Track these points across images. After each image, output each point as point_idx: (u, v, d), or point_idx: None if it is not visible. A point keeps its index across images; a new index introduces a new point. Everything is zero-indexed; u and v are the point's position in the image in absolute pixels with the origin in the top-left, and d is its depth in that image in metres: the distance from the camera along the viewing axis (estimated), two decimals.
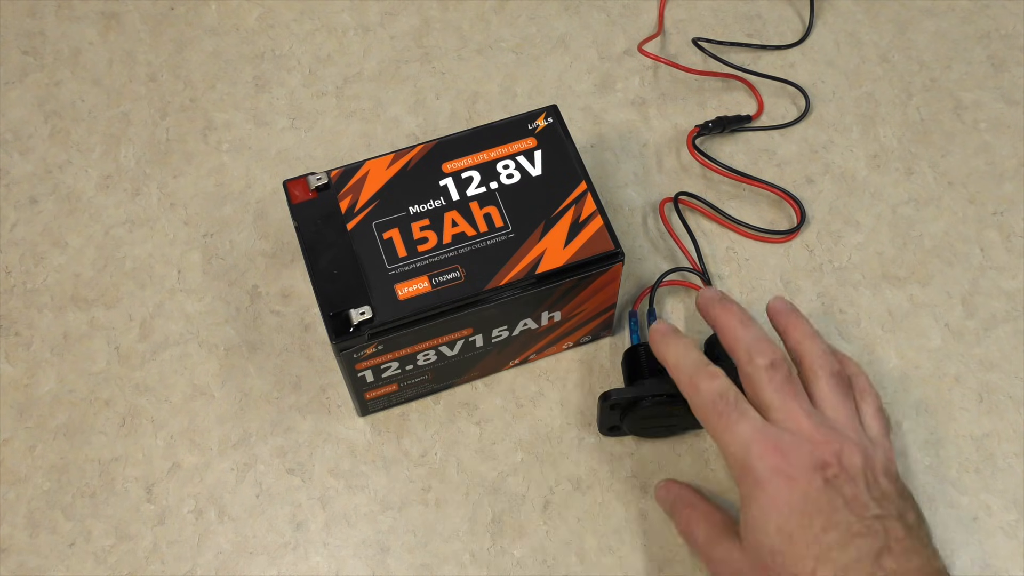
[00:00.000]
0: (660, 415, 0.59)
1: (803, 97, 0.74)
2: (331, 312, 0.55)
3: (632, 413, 0.59)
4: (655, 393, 0.58)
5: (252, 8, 0.79)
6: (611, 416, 0.60)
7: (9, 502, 0.62)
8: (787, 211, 0.70)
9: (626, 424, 0.60)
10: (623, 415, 0.59)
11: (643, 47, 0.74)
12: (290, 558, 0.61)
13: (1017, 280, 0.68)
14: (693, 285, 0.67)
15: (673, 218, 0.70)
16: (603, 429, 0.62)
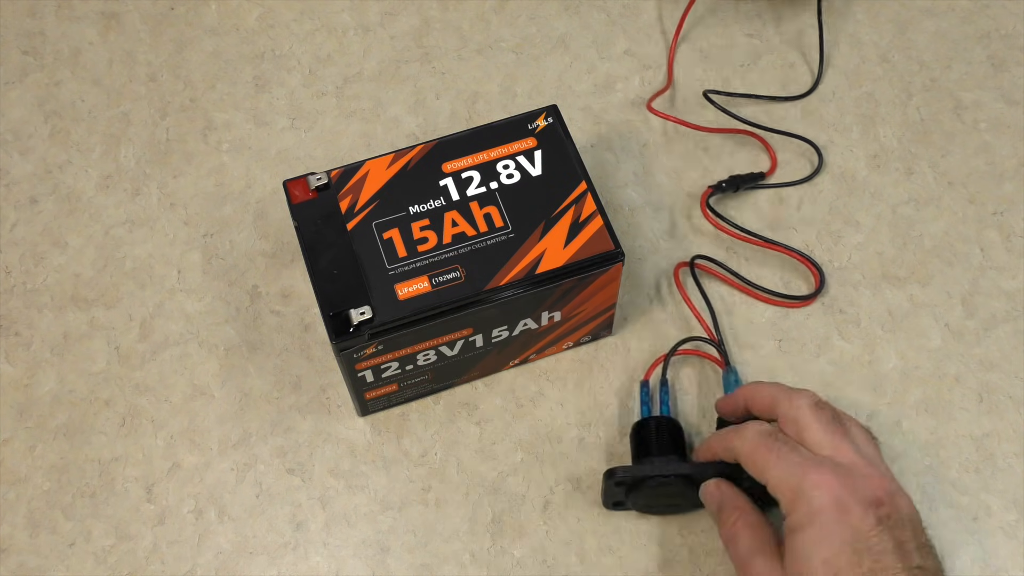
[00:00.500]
0: (666, 495, 0.58)
1: (815, 152, 0.72)
2: (331, 312, 0.55)
3: (637, 491, 0.57)
4: (662, 473, 0.57)
5: (252, 8, 0.79)
6: (615, 492, 0.58)
7: (9, 502, 0.62)
8: (804, 271, 0.68)
9: (631, 500, 0.58)
10: (628, 492, 0.58)
11: (652, 104, 0.73)
12: (290, 558, 0.60)
13: (1017, 280, 0.68)
14: (708, 356, 0.65)
15: (688, 283, 0.68)
16: (607, 504, 0.60)
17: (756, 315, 0.67)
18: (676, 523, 0.61)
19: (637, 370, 0.65)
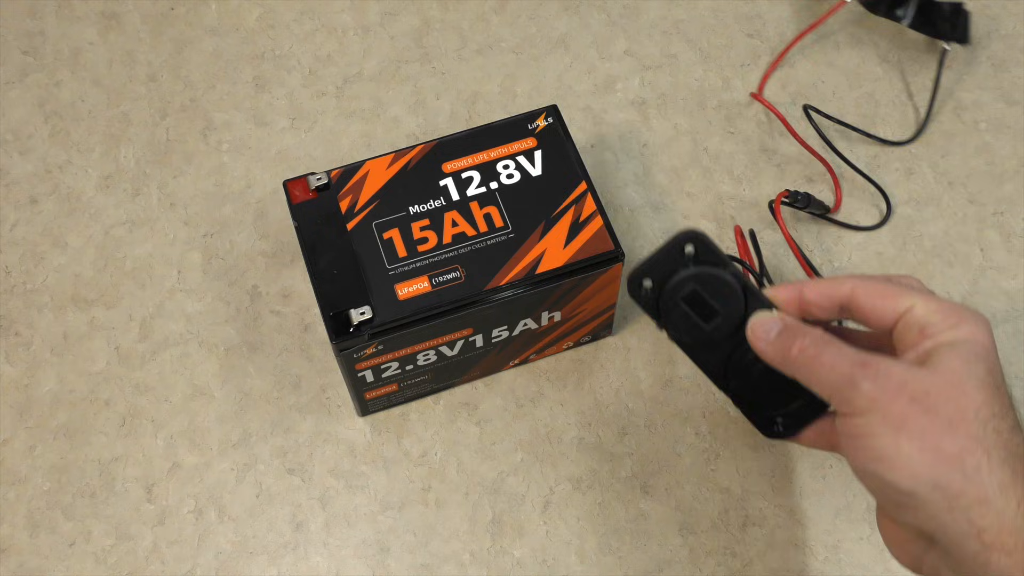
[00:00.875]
0: (702, 306, 0.48)
1: (884, 201, 0.70)
2: (331, 312, 0.55)
3: (670, 290, 0.48)
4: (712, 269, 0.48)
5: (252, 8, 0.79)
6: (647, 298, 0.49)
7: (9, 502, 0.62)
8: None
9: (663, 304, 0.49)
10: (660, 288, 0.49)
11: (760, 95, 0.73)
12: (290, 558, 0.60)
13: (1017, 280, 0.68)
14: None
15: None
16: (635, 293, 0.49)
17: None
18: (676, 523, 0.61)
19: (638, 370, 0.66)
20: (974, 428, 0.41)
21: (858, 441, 0.42)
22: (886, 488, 0.42)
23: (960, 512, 0.40)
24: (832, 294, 0.47)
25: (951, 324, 0.44)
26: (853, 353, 0.44)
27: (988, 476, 0.40)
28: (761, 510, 0.62)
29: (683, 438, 0.64)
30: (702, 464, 0.63)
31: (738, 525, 0.61)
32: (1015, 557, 0.39)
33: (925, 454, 0.40)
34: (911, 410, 0.41)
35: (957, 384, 0.42)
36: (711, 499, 0.62)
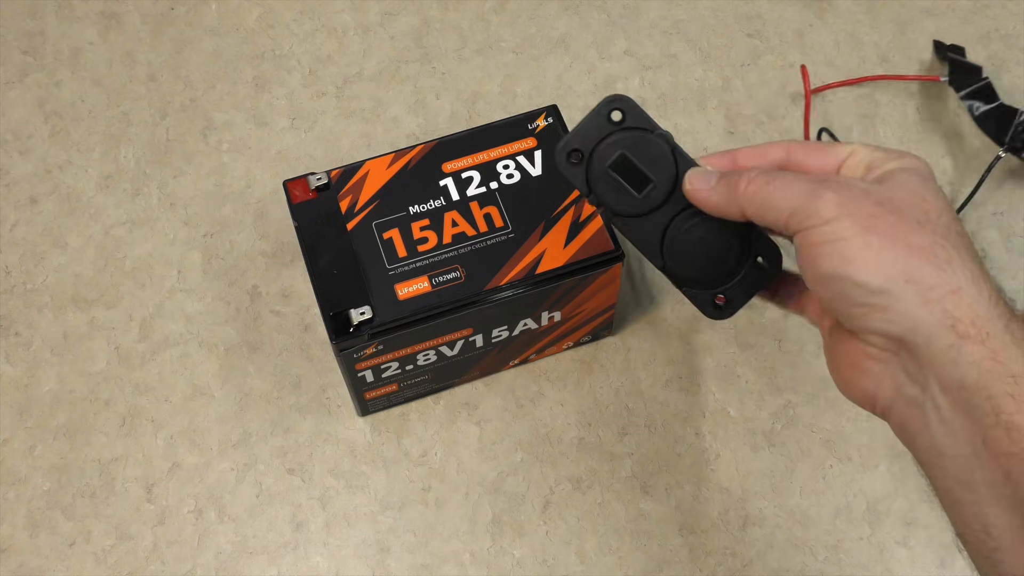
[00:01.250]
0: (633, 172, 0.46)
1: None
2: (331, 312, 0.55)
3: (598, 157, 0.46)
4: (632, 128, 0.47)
5: (252, 8, 0.79)
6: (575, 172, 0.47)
7: (9, 502, 0.62)
8: None
9: (592, 175, 0.47)
10: (590, 155, 0.47)
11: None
12: (290, 558, 0.60)
13: (1017, 280, 0.68)
14: None
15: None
16: (562, 166, 0.47)
17: (756, 315, 0.67)
18: (676, 523, 0.61)
19: (638, 370, 0.66)
20: (940, 227, 0.41)
21: (824, 248, 0.41)
22: (855, 291, 0.40)
23: (935, 303, 0.39)
24: (767, 156, 0.46)
25: (895, 157, 0.44)
26: (806, 176, 0.43)
27: (959, 268, 0.39)
28: (761, 510, 0.62)
29: (683, 438, 0.64)
30: (702, 464, 0.63)
31: (738, 525, 0.61)
32: (987, 346, 0.38)
33: (896, 248, 0.40)
34: (879, 210, 0.41)
35: (917, 192, 0.42)
36: (711, 499, 0.62)
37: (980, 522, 0.39)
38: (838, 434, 0.64)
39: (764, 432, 0.64)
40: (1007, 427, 0.38)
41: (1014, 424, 0.38)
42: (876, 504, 0.62)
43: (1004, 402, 0.38)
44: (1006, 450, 0.38)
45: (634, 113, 0.47)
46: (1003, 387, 0.38)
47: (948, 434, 0.40)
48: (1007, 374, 0.38)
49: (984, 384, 0.38)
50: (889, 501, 0.62)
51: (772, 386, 0.65)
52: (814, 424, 0.64)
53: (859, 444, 0.63)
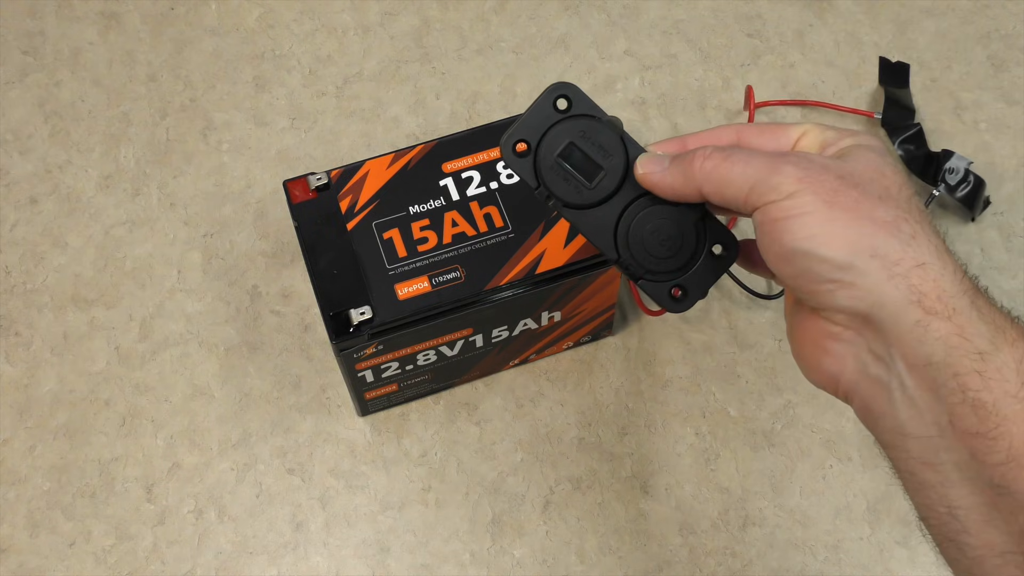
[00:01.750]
0: (585, 162, 0.45)
1: None
2: (331, 312, 0.55)
3: (547, 148, 0.45)
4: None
5: (252, 8, 0.79)
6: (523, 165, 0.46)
7: (9, 502, 0.62)
8: None
9: (541, 170, 0.45)
10: (537, 147, 0.46)
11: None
12: (290, 558, 0.60)
13: (1017, 280, 0.68)
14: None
15: None
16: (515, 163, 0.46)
17: (756, 315, 0.67)
18: (676, 523, 0.61)
19: (638, 370, 0.66)
20: (902, 202, 0.40)
21: (787, 223, 0.40)
22: (819, 267, 0.39)
23: (901, 278, 0.38)
24: (718, 139, 0.45)
25: (849, 134, 0.43)
26: (764, 152, 0.42)
27: (923, 242, 0.39)
28: (761, 510, 0.62)
29: (683, 438, 0.64)
30: (702, 464, 0.63)
31: (738, 525, 0.61)
32: (954, 322, 0.38)
33: (861, 223, 0.39)
34: (841, 184, 0.40)
35: (876, 168, 0.41)
36: (711, 499, 0.62)
37: (945, 504, 0.38)
38: (838, 434, 0.64)
39: (764, 432, 0.64)
40: (973, 404, 0.37)
41: (980, 401, 0.37)
42: (876, 504, 0.62)
43: (971, 379, 0.37)
44: (973, 429, 0.37)
45: (580, 100, 0.46)
46: (970, 364, 0.37)
47: (914, 414, 0.39)
48: (973, 351, 0.37)
49: (950, 361, 0.37)
50: (889, 501, 0.62)
51: (772, 386, 0.65)
52: (814, 424, 0.64)
53: (859, 444, 0.63)
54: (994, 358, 0.37)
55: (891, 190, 0.40)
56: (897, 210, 0.39)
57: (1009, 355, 0.37)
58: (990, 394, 0.37)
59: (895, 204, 0.40)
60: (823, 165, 0.40)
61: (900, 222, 0.39)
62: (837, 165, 0.41)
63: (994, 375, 0.37)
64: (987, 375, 0.37)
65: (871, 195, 0.40)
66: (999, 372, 0.37)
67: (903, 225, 0.39)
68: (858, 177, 0.40)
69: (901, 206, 0.40)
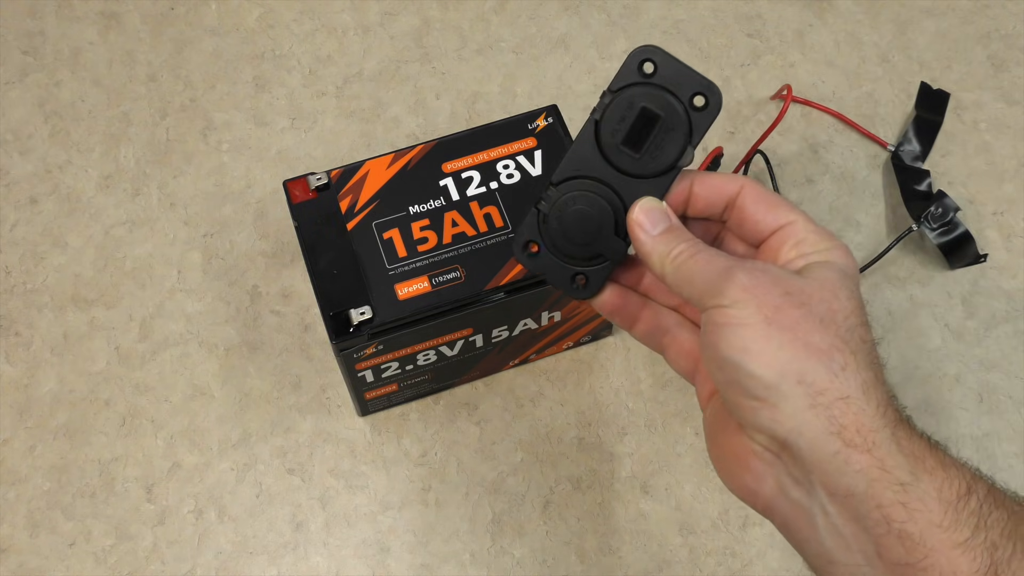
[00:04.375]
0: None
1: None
2: (331, 312, 0.55)
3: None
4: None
5: (252, 8, 0.79)
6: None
7: (9, 502, 0.62)
8: None
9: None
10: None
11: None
12: (290, 558, 0.60)
13: (1017, 280, 0.68)
14: None
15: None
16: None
17: None
18: (676, 523, 0.61)
19: (638, 370, 0.66)
20: (843, 330, 0.40)
21: (725, 330, 0.40)
22: (747, 382, 0.39)
23: (822, 409, 0.38)
24: (723, 189, 0.45)
25: (826, 247, 0.43)
26: (728, 255, 0.43)
27: (852, 375, 0.38)
28: None
29: (683, 438, 0.64)
30: (702, 464, 0.63)
31: (738, 525, 0.61)
32: (874, 455, 0.37)
33: (795, 347, 0.39)
34: (785, 302, 0.40)
35: (831, 289, 0.41)
36: (711, 499, 0.62)
37: None
38: None
39: None
40: (899, 536, 0.37)
41: (906, 532, 0.37)
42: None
43: (894, 511, 0.37)
44: (901, 560, 0.37)
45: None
46: (892, 496, 0.37)
47: (840, 542, 0.39)
48: (895, 482, 0.37)
49: (872, 493, 0.37)
50: None
51: None
52: None
53: None
54: (915, 488, 0.37)
55: (837, 315, 0.40)
56: (835, 338, 0.39)
57: (929, 484, 0.37)
58: (915, 525, 0.37)
59: (835, 331, 0.39)
60: (775, 278, 0.41)
61: (834, 351, 0.39)
62: (790, 280, 0.41)
63: (917, 505, 0.37)
64: (910, 506, 0.37)
65: (813, 318, 0.40)
66: (921, 502, 0.37)
67: (836, 355, 0.39)
68: (807, 296, 0.40)
69: (840, 334, 0.39)
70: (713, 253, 0.42)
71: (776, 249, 0.44)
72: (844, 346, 0.39)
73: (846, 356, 0.39)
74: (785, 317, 0.39)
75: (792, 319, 0.39)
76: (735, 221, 0.45)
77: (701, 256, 0.42)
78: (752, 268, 0.41)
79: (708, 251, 0.43)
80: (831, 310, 0.40)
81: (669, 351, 0.48)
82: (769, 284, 0.40)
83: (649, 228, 0.44)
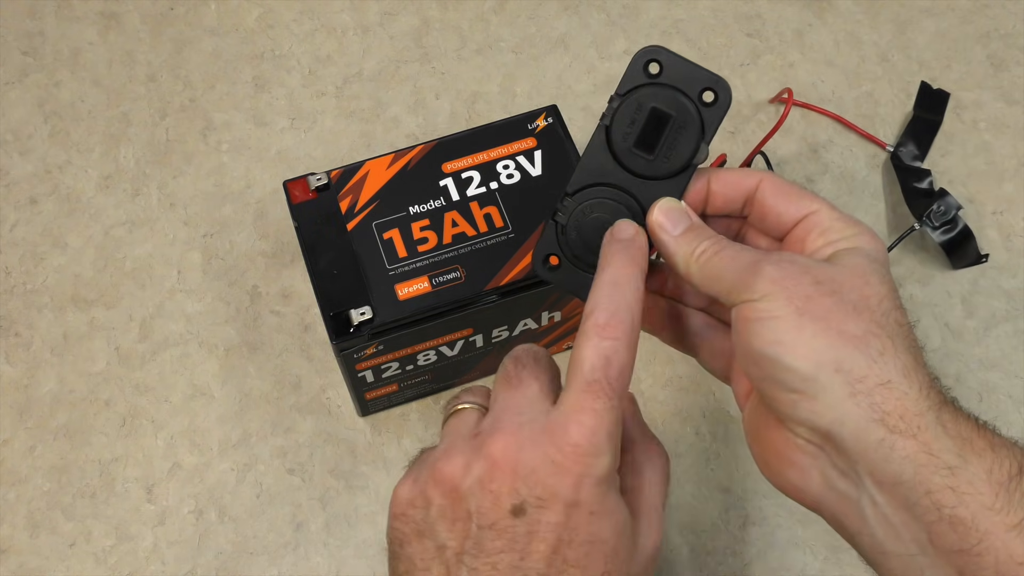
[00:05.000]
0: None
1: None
2: (331, 312, 0.55)
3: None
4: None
5: (252, 8, 0.79)
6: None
7: (9, 502, 0.62)
8: None
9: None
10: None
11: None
12: (290, 558, 0.60)
13: (1017, 280, 0.68)
14: None
15: None
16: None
17: None
18: (676, 523, 0.61)
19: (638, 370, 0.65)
20: (878, 315, 0.39)
21: (757, 325, 0.39)
22: (784, 375, 0.38)
23: (863, 396, 0.37)
24: (741, 183, 0.44)
25: (852, 232, 0.42)
26: (754, 249, 0.42)
27: (891, 360, 0.37)
28: (761, 510, 0.62)
29: (683, 438, 0.64)
30: (702, 464, 0.63)
31: (738, 525, 0.61)
32: (919, 439, 0.37)
33: (829, 335, 0.38)
34: (816, 291, 0.39)
35: (861, 275, 0.40)
36: (711, 499, 0.62)
37: None
38: None
39: None
40: (951, 522, 0.36)
41: (958, 518, 0.36)
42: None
43: (944, 496, 0.36)
44: (955, 547, 0.36)
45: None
46: (941, 480, 0.36)
47: (891, 532, 0.38)
48: (943, 466, 0.36)
49: (920, 479, 0.36)
50: None
51: None
52: None
53: None
54: (964, 472, 0.36)
55: (870, 300, 0.39)
56: (870, 323, 0.38)
57: (978, 466, 0.36)
58: (966, 509, 0.36)
59: (869, 317, 0.38)
60: (803, 268, 0.40)
61: (870, 337, 0.38)
62: (818, 269, 0.40)
63: (967, 489, 0.36)
64: (960, 490, 0.36)
65: (846, 305, 0.39)
66: (971, 485, 0.36)
67: (873, 340, 0.38)
68: (837, 284, 0.39)
69: (876, 319, 0.38)
70: (738, 248, 0.42)
71: (802, 239, 0.43)
72: (880, 331, 0.38)
73: (883, 341, 0.38)
74: (817, 306, 0.38)
75: (824, 308, 0.38)
76: (756, 215, 0.44)
77: (726, 252, 0.41)
78: (779, 260, 0.40)
79: (733, 246, 0.42)
80: (864, 296, 0.39)
81: (701, 353, 0.47)
82: (798, 274, 0.39)
83: (670, 228, 0.44)
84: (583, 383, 0.39)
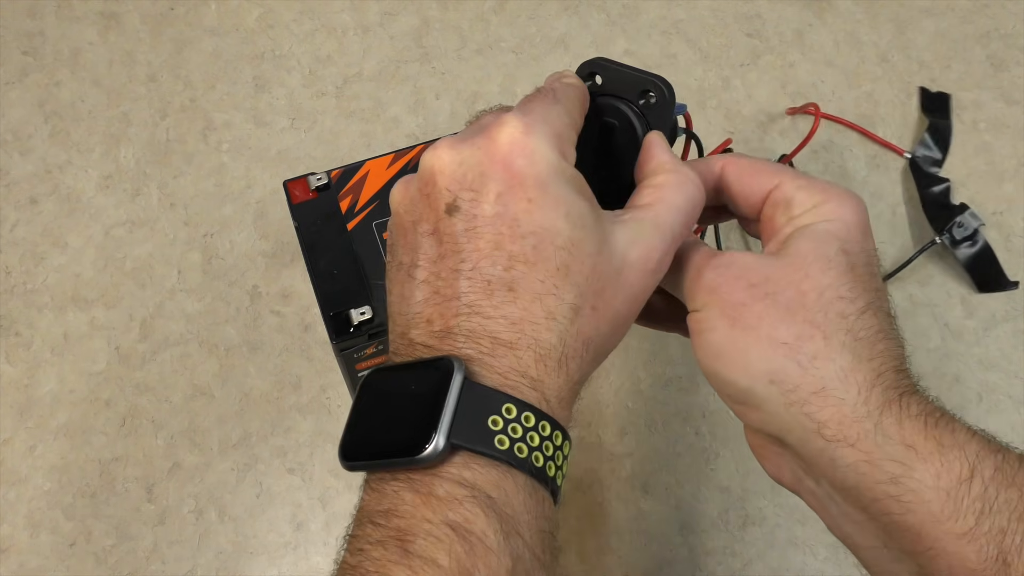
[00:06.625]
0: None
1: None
2: (331, 312, 0.55)
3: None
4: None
5: (252, 8, 0.79)
6: None
7: (9, 502, 0.62)
8: None
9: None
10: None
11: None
12: (291, 558, 0.60)
13: (1017, 280, 0.68)
14: None
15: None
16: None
17: None
18: (676, 523, 0.61)
19: (638, 370, 0.66)
20: (813, 312, 0.36)
21: (698, 338, 0.38)
22: (726, 388, 0.37)
23: (797, 407, 0.36)
24: (706, 173, 0.42)
25: (814, 203, 0.39)
26: (711, 250, 0.40)
27: (825, 364, 0.36)
28: (761, 510, 0.62)
29: (683, 438, 0.64)
30: (702, 464, 0.63)
31: (738, 525, 0.61)
32: (859, 448, 0.35)
33: (760, 346, 0.36)
34: (748, 296, 0.37)
35: (800, 267, 0.37)
36: (711, 499, 0.62)
37: None
38: None
39: None
40: (901, 528, 0.35)
41: (907, 525, 0.35)
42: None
43: (890, 504, 0.35)
44: (913, 549, 0.35)
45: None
46: (884, 490, 0.35)
47: (856, 528, 0.37)
48: (885, 476, 0.35)
49: (866, 487, 0.35)
50: None
51: None
52: None
53: None
54: (908, 480, 0.35)
55: (806, 297, 0.37)
56: (803, 324, 0.36)
57: (924, 472, 0.34)
58: (913, 517, 0.35)
59: (803, 316, 0.37)
60: (739, 271, 0.38)
61: (802, 341, 0.36)
62: (755, 269, 0.38)
63: (911, 498, 0.35)
64: (903, 499, 0.35)
65: (778, 308, 0.37)
66: (915, 494, 0.34)
67: (805, 345, 0.36)
68: (772, 283, 0.37)
69: (810, 318, 0.37)
70: (696, 249, 0.40)
71: (771, 219, 0.41)
72: (815, 331, 0.36)
73: (816, 343, 0.36)
74: (748, 314, 0.37)
75: (755, 315, 0.37)
76: (731, 204, 0.43)
77: (686, 254, 0.40)
78: (718, 264, 0.39)
79: (695, 247, 0.40)
80: (800, 292, 0.37)
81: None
82: (732, 280, 0.38)
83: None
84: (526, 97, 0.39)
